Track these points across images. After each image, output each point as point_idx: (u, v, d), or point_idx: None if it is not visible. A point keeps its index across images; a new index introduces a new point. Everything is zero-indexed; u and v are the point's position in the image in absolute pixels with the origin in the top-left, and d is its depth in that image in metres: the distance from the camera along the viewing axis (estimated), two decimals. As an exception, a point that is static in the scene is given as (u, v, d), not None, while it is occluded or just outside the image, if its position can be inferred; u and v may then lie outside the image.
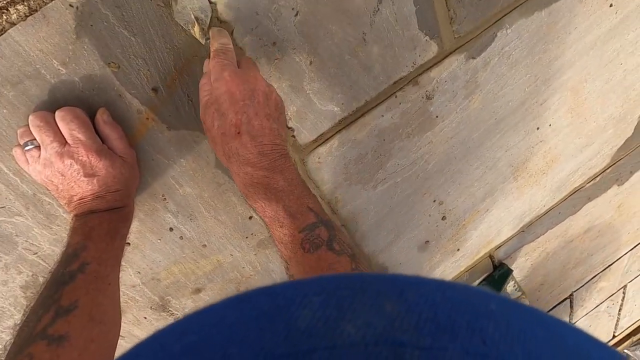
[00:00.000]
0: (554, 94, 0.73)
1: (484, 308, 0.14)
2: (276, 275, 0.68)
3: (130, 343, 0.63)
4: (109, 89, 0.42)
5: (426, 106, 0.62)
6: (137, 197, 0.50)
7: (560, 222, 0.99)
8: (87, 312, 0.38)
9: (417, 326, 0.12)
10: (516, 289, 1.02)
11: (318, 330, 0.12)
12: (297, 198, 0.38)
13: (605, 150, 0.90)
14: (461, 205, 0.79)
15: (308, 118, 0.55)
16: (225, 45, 0.39)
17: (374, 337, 0.12)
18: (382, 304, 0.13)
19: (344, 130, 0.58)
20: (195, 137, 0.49)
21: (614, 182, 1.00)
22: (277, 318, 0.13)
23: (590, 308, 1.42)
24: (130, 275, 0.56)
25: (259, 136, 0.37)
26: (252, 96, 0.36)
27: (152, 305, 0.60)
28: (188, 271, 0.60)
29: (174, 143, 0.48)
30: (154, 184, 0.50)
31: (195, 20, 0.39)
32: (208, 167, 0.52)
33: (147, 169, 0.49)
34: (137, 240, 0.54)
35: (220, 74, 0.37)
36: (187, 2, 0.39)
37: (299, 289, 0.15)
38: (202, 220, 0.56)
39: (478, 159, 0.74)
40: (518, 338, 0.13)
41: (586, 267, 1.20)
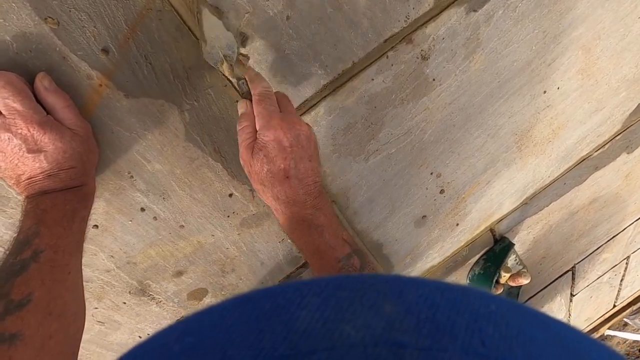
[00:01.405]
0: (564, 52, 0.66)
1: (484, 309, 0.14)
2: (263, 255, 0.64)
3: (111, 329, 0.60)
4: (49, 50, 0.36)
5: (422, 68, 0.56)
6: (99, 175, 0.45)
7: (565, 193, 0.94)
8: (44, 306, 0.34)
9: (416, 327, 0.12)
10: (517, 263, 0.98)
11: (317, 331, 0.12)
12: (335, 231, 0.42)
13: (617, 115, 0.84)
14: (460, 177, 0.74)
15: (288, 82, 0.49)
16: (267, 90, 0.40)
17: (374, 338, 0.12)
18: (381, 305, 0.13)
19: (329, 97, 0.52)
20: (159, 106, 0.43)
21: (623, 149, 0.94)
22: (276, 319, 0.13)
23: (592, 279, 1.40)
24: (102, 259, 0.52)
25: (305, 178, 0.40)
26: (297, 142, 0.39)
27: (130, 289, 0.57)
28: (167, 254, 0.56)
29: (134, 113, 0.43)
30: (117, 160, 0.45)
31: (224, 58, 0.40)
32: (177, 140, 0.47)
33: (107, 143, 0.43)
34: (105, 223, 0.49)
35: (268, 122, 0.38)
36: (216, 42, 0.39)
37: (298, 290, 0.15)
38: (177, 199, 0.51)
39: (479, 126, 0.68)
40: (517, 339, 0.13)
41: (590, 238, 1.17)
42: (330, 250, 0.40)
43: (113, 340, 0.62)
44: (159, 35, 0.39)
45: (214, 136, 0.48)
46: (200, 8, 0.38)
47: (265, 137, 0.38)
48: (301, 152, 0.39)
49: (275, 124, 0.38)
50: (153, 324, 0.63)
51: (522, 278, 0.87)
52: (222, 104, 0.47)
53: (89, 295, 0.55)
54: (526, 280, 0.88)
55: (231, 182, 0.53)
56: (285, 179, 0.39)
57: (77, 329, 0.38)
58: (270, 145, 0.38)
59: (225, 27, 0.39)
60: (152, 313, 0.61)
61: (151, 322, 0.62)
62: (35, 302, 0.33)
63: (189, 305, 0.64)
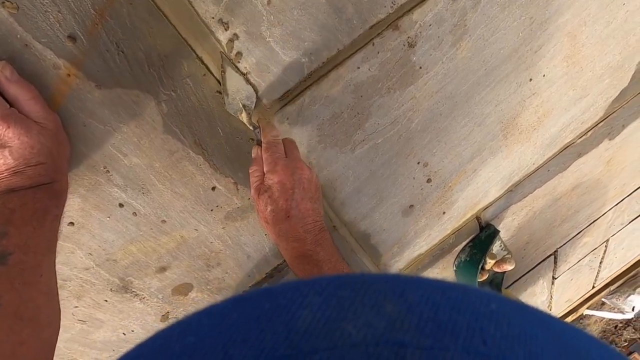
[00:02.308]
0: (550, 39, 0.65)
1: (485, 308, 0.14)
2: (249, 249, 0.63)
3: (92, 327, 0.58)
4: (9, 37, 0.34)
5: (408, 55, 0.54)
6: (73, 171, 0.43)
7: (548, 180, 0.96)
8: (13, 311, 0.32)
9: (418, 326, 0.12)
10: (502, 249, 1.00)
11: (318, 330, 0.12)
12: (334, 265, 0.43)
13: (600, 102, 0.85)
14: (447, 166, 0.74)
15: (271, 72, 0.47)
16: (276, 139, 0.45)
17: (375, 338, 0.12)
18: (382, 304, 0.13)
19: (314, 86, 0.51)
20: (134, 96, 0.41)
21: (605, 136, 0.96)
22: (277, 318, 0.13)
23: (573, 263, 1.44)
24: (80, 257, 0.50)
25: (305, 217, 0.43)
26: (299, 184, 0.42)
27: (112, 287, 0.55)
28: (148, 250, 0.54)
29: (107, 104, 0.40)
30: (91, 155, 0.43)
31: (243, 108, 0.45)
32: (155, 133, 0.45)
33: (79, 137, 0.41)
34: (82, 220, 0.47)
35: (273, 167, 0.43)
36: (237, 94, 0.44)
37: (299, 289, 0.14)
38: (157, 193, 0.50)
39: (466, 115, 0.67)
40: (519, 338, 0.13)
41: (572, 223, 1.19)
42: None
43: (96, 338, 0.60)
44: (131, 20, 0.37)
45: (194, 128, 0.46)
46: (224, 67, 0.43)
47: (270, 181, 0.42)
48: (302, 194, 0.43)
49: (279, 169, 0.42)
50: (137, 320, 0.62)
51: (506, 264, 0.88)
52: (201, 94, 0.44)
53: (68, 294, 0.53)
54: (511, 267, 0.89)
55: (214, 175, 0.52)
56: (286, 218, 0.42)
57: (51, 333, 0.37)
58: (274, 188, 0.42)
59: (245, 81, 0.44)
60: (135, 310, 0.60)
61: (135, 318, 0.61)
62: (4, 307, 0.31)
63: (174, 300, 0.62)
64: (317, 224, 0.44)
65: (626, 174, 1.16)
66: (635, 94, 0.90)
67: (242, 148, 0.51)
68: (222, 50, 0.43)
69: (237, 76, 0.43)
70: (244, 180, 0.54)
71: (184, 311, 0.65)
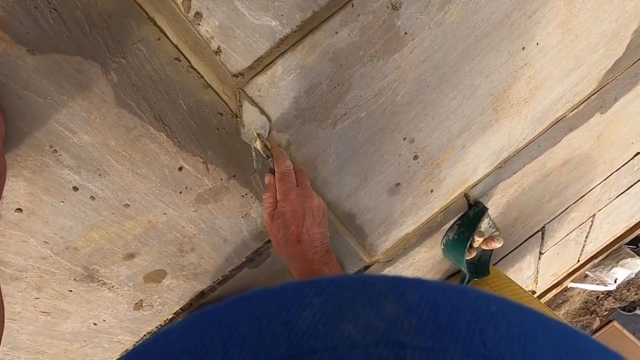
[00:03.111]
0: (546, 3, 0.61)
1: (485, 309, 0.14)
2: (225, 232, 0.59)
3: (58, 318, 0.55)
4: None
5: (392, 19, 0.49)
6: (13, 151, 0.38)
7: (539, 156, 0.93)
8: None
9: (417, 327, 0.12)
10: (490, 226, 0.98)
11: (319, 331, 0.13)
12: None
13: (593, 73, 0.81)
14: (435, 142, 0.70)
15: (237, 36, 0.42)
16: (288, 169, 0.48)
17: (375, 338, 0.12)
18: (382, 305, 0.13)
19: (288, 53, 0.46)
20: (76, 64, 0.36)
21: (597, 109, 0.93)
22: (277, 319, 0.13)
23: (560, 238, 1.44)
24: (35, 246, 0.46)
25: (314, 241, 0.47)
26: (309, 212, 0.47)
27: (75, 276, 0.51)
28: (112, 236, 0.50)
29: (45, 73, 0.35)
30: (33, 133, 0.38)
31: (257, 137, 0.48)
32: (107, 107, 0.40)
33: (14, 111, 0.36)
34: (31, 205, 0.43)
35: (286, 196, 0.47)
36: (252, 125, 0.47)
37: (299, 290, 0.15)
38: (116, 175, 0.45)
39: (454, 87, 0.63)
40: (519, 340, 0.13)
41: (560, 199, 1.18)
42: None
43: (64, 329, 0.57)
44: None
45: (152, 101, 0.41)
46: (242, 101, 0.46)
47: (283, 208, 0.46)
48: (312, 221, 0.47)
49: (292, 198, 0.46)
50: (108, 310, 0.58)
51: (494, 242, 0.86)
52: (157, 62, 0.39)
53: (27, 286, 0.49)
54: (499, 244, 0.88)
55: (179, 154, 0.47)
56: (297, 242, 0.46)
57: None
58: (287, 215, 0.46)
59: (260, 112, 0.47)
60: (105, 299, 0.56)
61: (105, 308, 0.58)
62: None
63: (146, 288, 0.59)
64: (324, 246, 0.48)
65: (615, 149, 1.14)
66: (629, 65, 0.86)
67: (209, 123, 0.46)
68: (239, 88, 0.44)
69: (253, 109, 0.46)
70: (214, 158, 0.50)
71: (159, 298, 0.62)
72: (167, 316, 0.65)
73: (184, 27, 0.39)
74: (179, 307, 0.65)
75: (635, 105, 0.99)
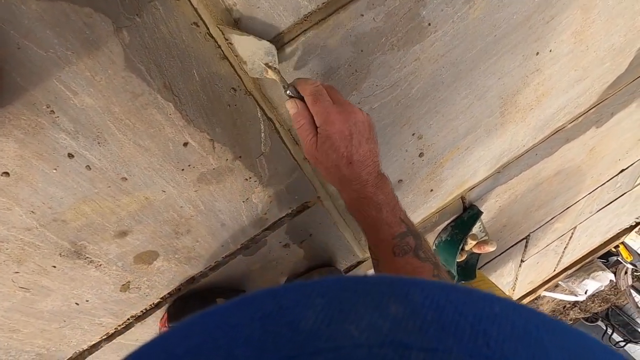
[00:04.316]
0: (564, 9, 0.61)
1: (488, 310, 0.14)
2: (224, 216, 0.56)
3: (38, 295, 0.51)
4: None
5: (418, 8, 0.48)
6: (5, 108, 0.34)
7: (535, 164, 0.94)
8: None
9: (421, 328, 0.12)
10: (480, 230, 0.99)
11: (322, 331, 0.12)
12: (392, 210, 0.44)
13: (596, 86, 0.82)
14: (441, 140, 0.69)
15: (261, 7, 0.39)
16: (317, 87, 0.41)
17: (379, 339, 0.12)
18: (386, 306, 0.13)
19: (311, 31, 0.43)
20: (86, 16, 0.32)
21: (593, 123, 0.95)
22: (281, 319, 0.13)
23: (542, 247, 1.48)
24: (20, 215, 0.42)
25: (365, 160, 0.43)
26: (356, 129, 0.42)
27: (61, 251, 0.48)
28: (106, 210, 0.47)
29: (49, 23, 0.31)
30: (30, 89, 0.34)
31: (267, 67, 0.41)
32: (114, 68, 0.36)
33: (11, 62, 0.32)
34: (19, 170, 0.39)
35: (327, 117, 0.41)
36: (254, 57, 0.40)
37: (302, 290, 0.15)
38: (117, 145, 0.42)
39: (468, 86, 0.62)
40: (522, 341, 0.13)
41: (547, 209, 1.21)
42: (386, 226, 0.43)
43: (43, 307, 0.53)
44: None
45: (164, 67, 0.38)
46: (228, 37, 0.39)
47: (327, 131, 0.41)
48: (360, 138, 0.42)
49: (334, 119, 0.41)
50: (93, 289, 0.55)
51: (488, 246, 0.87)
52: (174, 25, 0.36)
53: (6, 258, 0.45)
54: (492, 248, 0.89)
55: (186, 128, 0.44)
56: (349, 164, 0.42)
57: None
58: (333, 137, 0.41)
59: (257, 38, 0.39)
60: (90, 278, 0.53)
61: (90, 287, 0.54)
62: None
63: (136, 269, 0.56)
64: (375, 164, 0.44)
65: (604, 164, 1.17)
66: (629, 82, 0.88)
67: (221, 98, 0.44)
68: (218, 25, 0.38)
69: (246, 38, 0.39)
70: (222, 136, 0.47)
71: (147, 281, 0.59)
72: (153, 300, 0.62)
73: (206, -10, 0.36)
74: (167, 291, 0.62)
75: (628, 122, 1.02)
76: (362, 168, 0.43)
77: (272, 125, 0.50)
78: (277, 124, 0.50)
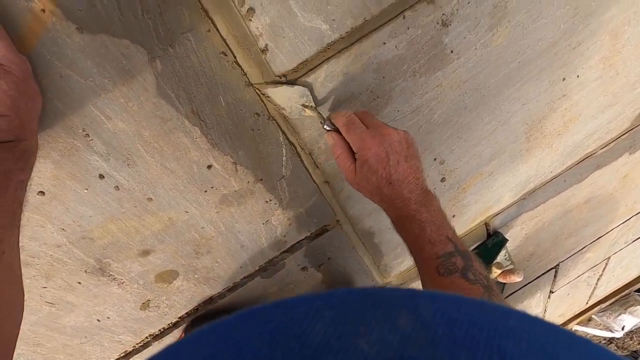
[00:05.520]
0: (591, 36, 0.60)
1: (503, 324, 0.13)
2: (243, 237, 0.57)
3: (63, 310, 0.52)
4: (-31, -49, 0.27)
5: (440, 36, 0.48)
6: (45, 131, 0.37)
7: (563, 191, 0.91)
8: None
9: (433, 342, 0.12)
10: (506, 259, 0.95)
11: (331, 345, 0.12)
12: (438, 228, 0.43)
13: (627, 112, 0.80)
14: (464, 166, 0.68)
15: (286, 36, 0.41)
16: (349, 118, 0.43)
17: (389, 354, 0.12)
18: (395, 319, 0.13)
19: (333, 59, 0.44)
20: (123, 48, 0.35)
21: (626, 149, 0.91)
22: (289, 332, 0.13)
23: (573, 278, 1.40)
24: (51, 232, 0.44)
25: (405, 178, 0.43)
26: (391, 149, 0.42)
27: (86, 268, 0.49)
28: (131, 230, 0.48)
29: (90, 54, 0.34)
30: (69, 114, 0.37)
31: (304, 107, 0.45)
32: (146, 95, 0.38)
33: (54, 90, 0.35)
34: (54, 189, 0.41)
35: (362, 143, 0.42)
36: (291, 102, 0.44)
37: (312, 303, 0.14)
38: (144, 166, 0.43)
39: (491, 111, 0.62)
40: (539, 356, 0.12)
41: (578, 238, 1.15)
42: (430, 245, 0.42)
43: (66, 323, 0.54)
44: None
45: (192, 94, 0.40)
46: (265, 92, 0.43)
47: (363, 157, 0.42)
48: (397, 157, 0.42)
49: (369, 144, 0.42)
50: (114, 307, 0.55)
51: (514, 275, 0.83)
52: (203, 55, 0.38)
53: (36, 273, 0.47)
54: (519, 278, 0.85)
55: (210, 152, 0.45)
56: (389, 184, 0.42)
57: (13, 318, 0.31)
58: (370, 161, 0.42)
59: (289, 85, 0.43)
60: (112, 295, 0.54)
61: (112, 304, 0.55)
62: None
63: (156, 288, 0.56)
64: (418, 181, 0.44)
65: (638, 192, 1.11)
66: (664, 107, 0.85)
67: (245, 123, 0.45)
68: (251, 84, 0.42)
69: (280, 88, 0.42)
70: (245, 159, 0.48)
71: (166, 300, 0.59)
72: (171, 319, 0.62)
73: (235, 21, 0.38)
74: (185, 311, 0.62)
75: (664, 148, 0.97)
76: (403, 186, 0.43)
77: (293, 149, 0.51)
78: (299, 148, 0.51)
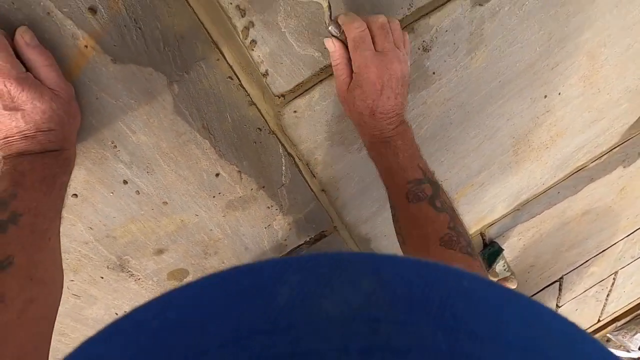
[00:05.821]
0: (568, 57, 0.65)
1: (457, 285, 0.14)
2: (247, 240, 0.63)
3: (86, 303, 0.59)
4: (33, 3, 0.35)
5: (422, 60, 0.54)
6: (81, 143, 0.44)
7: (558, 203, 0.94)
8: (25, 271, 0.33)
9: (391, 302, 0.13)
10: (505, 269, 0.98)
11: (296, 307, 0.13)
12: (410, 156, 0.44)
13: (616, 127, 0.83)
14: (454, 177, 0.73)
15: (284, 63, 0.48)
16: (362, 31, 0.40)
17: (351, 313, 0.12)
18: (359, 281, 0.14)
19: (326, 81, 0.51)
20: (148, 74, 0.42)
21: (620, 163, 0.94)
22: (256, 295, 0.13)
23: (579, 292, 1.39)
24: (81, 230, 0.51)
25: (388, 112, 0.43)
26: (388, 84, 0.42)
27: (108, 264, 0.56)
28: (148, 230, 0.55)
29: (121, 80, 0.41)
30: (101, 129, 0.44)
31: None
32: (165, 112, 0.45)
33: (90, 109, 0.42)
34: (86, 192, 0.48)
35: (364, 67, 0.41)
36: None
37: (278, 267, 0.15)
38: (161, 174, 0.50)
39: (477, 126, 0.67)
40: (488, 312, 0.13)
41: (580, 250, 1.16)
42: (401, 171, 0.43)
43: (88, 315, 0.60)
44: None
45: (203, 111, 0.47)
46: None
47: (360, 81, 0.41)
48: (389, 93, 0.42)
49: (371, 70, 0.41)
50: (131, 301, 0.62)
51: (508, 283, 0.86)
52: (213, 79, 0.45)
53: (66, 267, 0.54)
54: (512, 286, 0.87)
55: (218, 162, 0.52)
56: (371, 115, 0.43)
57: (56, 296, 0.38)
58: (364, 87, 0.41)
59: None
60: (130, 290, 0.60)
61: (129, 299, 0.61)
62: (17, 266, 0.33)
63: (168, 285, 0.62)
64: (399, 116, 0.44)
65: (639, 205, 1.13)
66: (654, 122, 0.88)
67: (249, 136, 0.52)
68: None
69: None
70: (249, 169, 0.55)
71: (177, 297, 0.65)
72: (181, 316, 0.68)
73: (240, 51, 0.45)
74: (194, 308, 0.68)
75: (659, 162, 1.00)
76: (384, 119, 0.43)
77: (292, 160, 0.57)
78: (297, 159, 0.57)
